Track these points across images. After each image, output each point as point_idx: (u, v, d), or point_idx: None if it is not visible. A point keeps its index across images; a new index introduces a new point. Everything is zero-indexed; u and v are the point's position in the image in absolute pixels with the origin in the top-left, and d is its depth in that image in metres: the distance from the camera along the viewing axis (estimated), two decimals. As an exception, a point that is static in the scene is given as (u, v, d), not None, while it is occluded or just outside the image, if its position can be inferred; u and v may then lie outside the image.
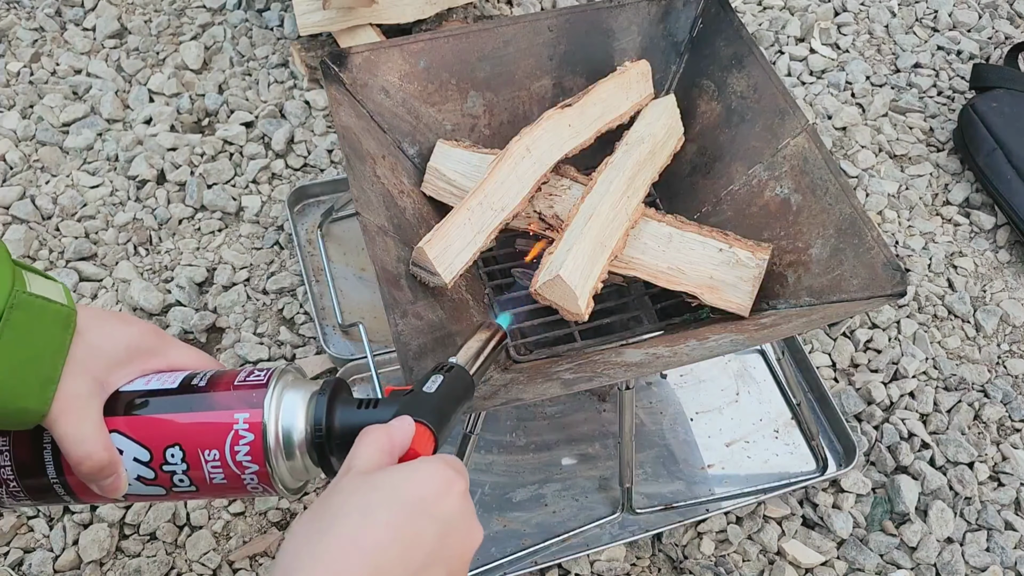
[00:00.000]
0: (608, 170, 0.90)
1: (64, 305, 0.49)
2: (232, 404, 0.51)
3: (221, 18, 1.38)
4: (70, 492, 0.52)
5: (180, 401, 0.52)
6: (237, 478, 0.51)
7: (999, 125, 1.24)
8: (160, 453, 0.51)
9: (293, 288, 1.10)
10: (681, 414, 1.02)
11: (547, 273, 0.81)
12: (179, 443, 0.50)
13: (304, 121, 1.26)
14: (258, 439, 0.50)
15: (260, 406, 0.50)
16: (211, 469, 0.50)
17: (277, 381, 0.52)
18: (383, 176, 0.88)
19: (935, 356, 1.10)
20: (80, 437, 0.48)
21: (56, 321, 0.49)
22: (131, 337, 0.53)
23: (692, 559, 0.93)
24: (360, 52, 0.91)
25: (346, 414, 0.52)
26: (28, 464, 0.51)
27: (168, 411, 0.51)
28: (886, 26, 1.48)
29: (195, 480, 0.51)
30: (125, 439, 0.51)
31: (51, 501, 0.53)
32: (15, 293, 0.46)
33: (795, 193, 0.89)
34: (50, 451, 0.51)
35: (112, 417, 0.51)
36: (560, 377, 0.78)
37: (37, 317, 0.47)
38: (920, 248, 1.20)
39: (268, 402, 0.50)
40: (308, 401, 0.52)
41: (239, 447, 0.50)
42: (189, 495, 0.52)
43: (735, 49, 0.97)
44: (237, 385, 0.52)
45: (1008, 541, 0.96)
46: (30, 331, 0.47)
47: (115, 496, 0.51)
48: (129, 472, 0.51)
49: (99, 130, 1.23)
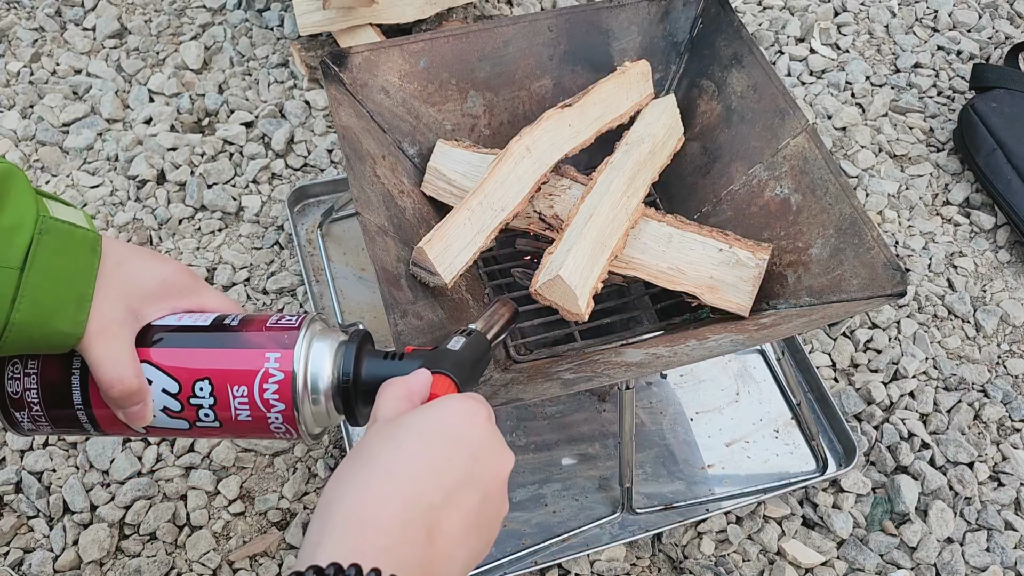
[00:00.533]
0: (608, 170, 0.90)
1: (88, 230, 0.51)
2: (264, 344, 0.52)
3: (221, 18, 1.38)
4: (93, 421, 0.53)
5: (212, 337, 0.53)
6: (263, 417, 0.52)
7: (999, 125, 1.24)
8: (189, 386, 0.52)
9: (293, 288, 1.10)
10: (681, 414, 1.02)
11: (547, 273, 0.81)
12: (209, 377, 0.51)
13: (304, 121, 1.26)
14: (287, 379, 0.51)
15: (291, 347, 0.52)
16: (238, 405, 0.52)
17: (308, 327, 0.53)
18: (383, 176, 0.88)
19: (935, 356, 1.10)
20: (113, 360, 0.50)
21: (83, 244, 0.50)
22: (166, 273, 0.55)
23: (692, 559, 0.93)
24: (360, 52, 0.91)
25: (372, 364, 0.53)
26: (55, 388, 0.52)
27: (199, 345, 0.52)
28: (886, 26, 1.48)
29: (220, 416, 0.52)
30: (155, 370, 0.52)
31: (71, 429, 0.54)
32: (42, 219, 0.48)
33: (795, 193, 0.89)
34: (79, 377, 0.52)
35: (143, 348, 0.52)
36: (560, 377, 0.78)
37: (65, 241, 0.49)
38: (920, 248, 1.20)
39: (299, 344, 0.52)
40: (336, 349, 0.53)
41: (268, 385, 0.51)
42: (211, 431, 0.53)
43: (735, 49, 0.97)
44: (269, 327, 0.53)
45: (1008, 541, 0.96)
46: (59, 254, 0.48)
47: (140, 424, 0.52)
48: (156, 403, 0.52)
49: (99, 130, 1.23)
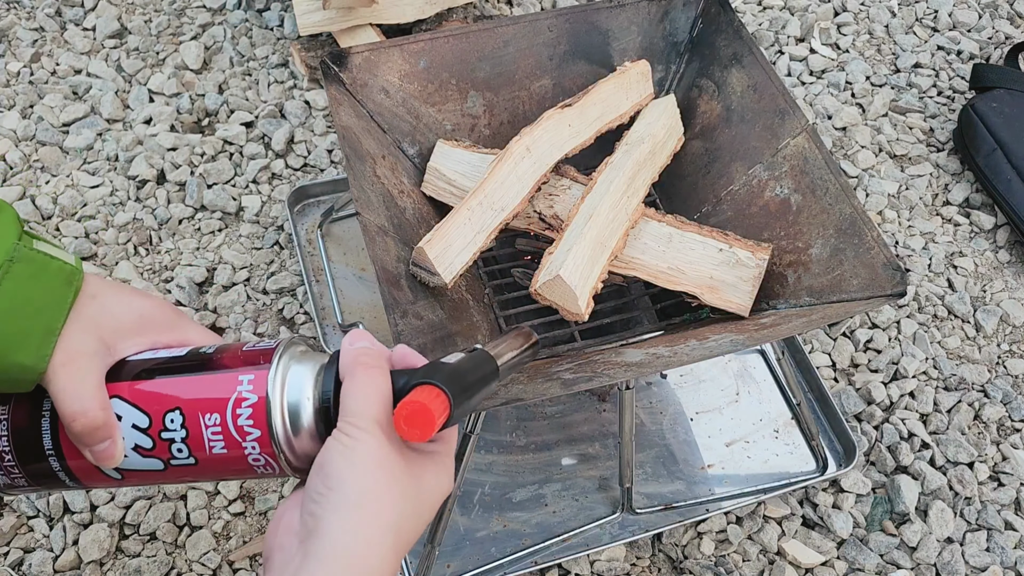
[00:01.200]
0: (608, 170, 0.90)
1: (66, 263, 0.49)
2: (237, 367, 0.49)
3: (221, 18, 1.38)
4: (66, 470, 0.50)
5: (183, 367, 0.50)
6: (239, 447, 0.48)
7: (999, 125, 1.24)
8: (159, 418, 0.48)
9: (293, 288, 1.10)
10: (681, 414, 1.02)
11: (547, 273, 0.81)
12: (179, 407, 0.48)
13: (304, 121, 1.26)
14: (261, 403, 0.47)
15: (265, 369, 0.48)
16: (211, 436, 0.48)
17: (286, 349, 0.50)
18: (383, 176, 0.88)
19: (935, 356, 1.10)
20: (76, 392, 0.47)
21: (59, 276, 0.48)
22: (144, 308, 0.52)
23: (692, 559, 0.93)
24: (360, 52, 0.91)
25: None
26: (25, 433, 0.49)
27: (170, 376, 0.49)
28: (886, 26, 1.48)
29: (194, 451, 0.48)
30: (125, 404, 0.49)
31: (47, 481, 0.51)
32: (18, 247, 0.46)
33: (795, 193, 0.89)
34: (48, 419, 0.49)
35: (114, 383, 0.49)
36: (560, 377, 0.78)
37: (39, 271, 0.47)
38: (920, 248, 1.20)
39: (275, 366, 0.48)
40: (316, 371, 0.49)
41: (241, 410, 0.47)
42: (188, 471, 0.50)
43: (735, 49, 0.97)
44: (245, 351, 0.50)
45: (1008, 541, 0.96)
46: (31, 284, 0.46)
47: (109, 464, 0.49)
48: (126, 440, 0.49)
49: (99, 130, 1.23)
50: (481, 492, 0.94)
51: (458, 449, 0.80)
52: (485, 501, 0.94)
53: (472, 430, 0.80)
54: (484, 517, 0.93)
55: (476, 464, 0.96)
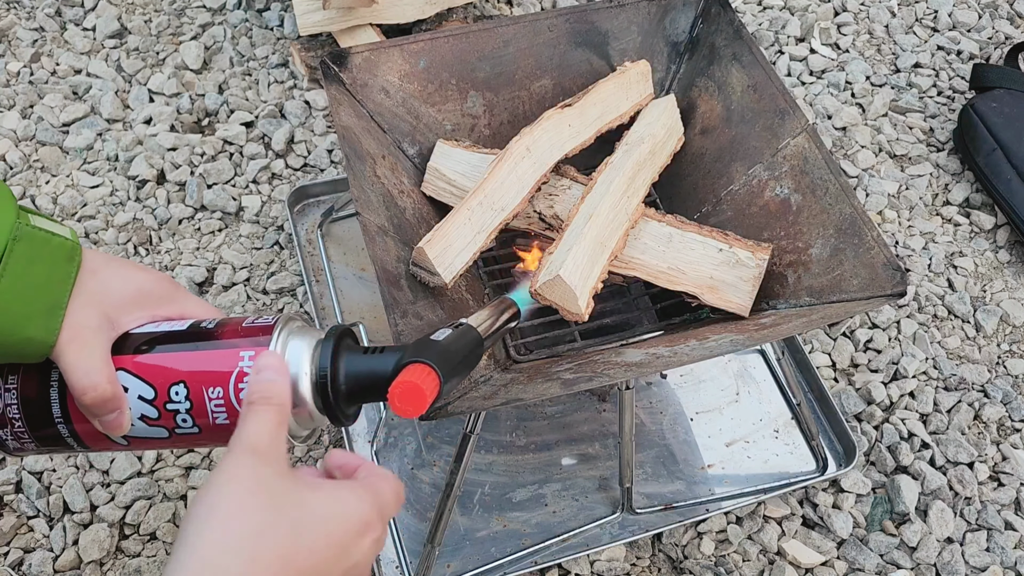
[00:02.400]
0: (608, 170, 0.90)
1: (66, 239, 0.50)
2: (238, 343, 0.51)
3: (221, 18, 1.38)
4: (75, 436, 0.53)
5: (186, 341, 0.52)
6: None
7: (999, 125, 1.24)
8: (164, 391, 0.51)
9: (293, 288, 1.10)
10: (681, 414, 1.02)
11: (547, 273, 0.81)
12: (184, 380, 0.51)
13: (304, 121, 1.26)
14: None
15: (266, 345, 0.51)
16: (215, 408, 0.51)
17: (285, 324, 0.52)
18: (383, 176, 0.88)
19: (935, 356, 1.10)
20: (85, 367, 0.49)
21: (60, 252, 0.50)
22: (143, 281, 0.54)
23: (692, 559, 0.93)
24: (360, 52, 0.91)
25: (352, 360, 0.52)
26: (34, 402, 0.52)
27: (174, 349, 0.52)
28: (886, 26, 1.48)
29: (198, 421, 0.51)
30: (130, 376, 0.51)
31: (56, 446, 0.54)
32: (19, 226, 0.48)
33: (795, 193, 0.89)
34: (57, 390, 0.51)
35: (119, 356, 0.52)
36: (560, 377, 0.78)
37: (41, 249, 0.49)
38: (920, 248, 1.20)
39: (274, 341, 0.51)
40: (314, 346, 0.52)
41: (243, 384, 0.50)
42: (192, 439, 0.52)
43: (735, 49, 0.97)
44: (245, 327, 0.52)
45: (1008, 541, 0.96)
46: (34, 262, 0.48)
47: (117, 433, 0.51)
48: (133, 411, 0.51)
49: (99, 130, 1.23)
50: (481, 492, 0.94)
51: (458, 449, 0.80)
52: (485, 501, 0.94)
53: (472, 430, 0.80)
54: (484, 517, 0.93)
55: (476, 464, 0.96)
